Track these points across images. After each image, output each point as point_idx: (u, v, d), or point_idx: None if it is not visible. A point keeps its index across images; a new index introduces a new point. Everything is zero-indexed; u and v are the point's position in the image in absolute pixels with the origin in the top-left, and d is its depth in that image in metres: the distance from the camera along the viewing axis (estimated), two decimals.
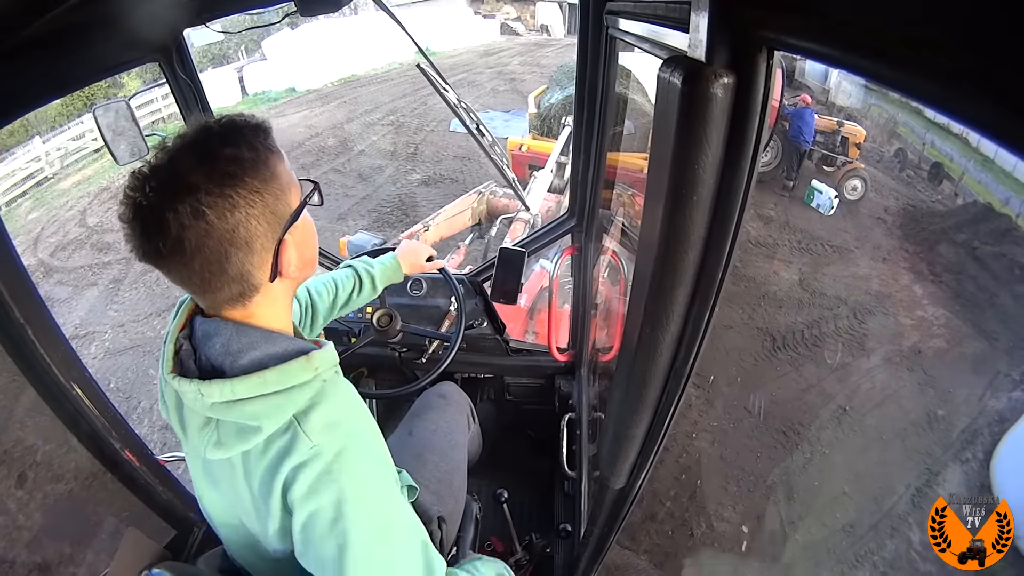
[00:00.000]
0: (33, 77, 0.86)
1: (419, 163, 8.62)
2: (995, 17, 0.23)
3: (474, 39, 17.81)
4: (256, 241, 0.66)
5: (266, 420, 0.65)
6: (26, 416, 1.09)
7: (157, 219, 0.61)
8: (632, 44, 0.90)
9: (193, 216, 0.61)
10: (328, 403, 0.68)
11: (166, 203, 0.61)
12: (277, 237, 0.68)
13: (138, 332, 4.91)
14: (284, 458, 0.65)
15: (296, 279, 0.74)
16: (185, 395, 0.68)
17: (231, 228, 0.63)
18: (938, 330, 4.73)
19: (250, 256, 0.66)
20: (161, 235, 0.61)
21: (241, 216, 0.64)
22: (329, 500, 0.65)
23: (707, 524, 3.06)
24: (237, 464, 0.69)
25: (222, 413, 0.66)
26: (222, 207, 0.62)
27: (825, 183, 6.72)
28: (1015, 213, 6.35)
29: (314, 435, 0.66)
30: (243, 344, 0.68)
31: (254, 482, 0.69)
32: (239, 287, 0.67)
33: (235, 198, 0.63)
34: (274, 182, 0.67)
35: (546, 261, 2.92)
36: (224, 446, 0.68)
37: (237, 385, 0.65)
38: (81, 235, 7.22)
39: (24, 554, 1.08)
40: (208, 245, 0.62)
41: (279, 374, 0.66)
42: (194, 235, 0.61)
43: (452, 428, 1.43)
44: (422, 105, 11.21)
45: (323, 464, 0.65)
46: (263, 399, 0.65)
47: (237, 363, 0.67)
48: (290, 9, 1.29)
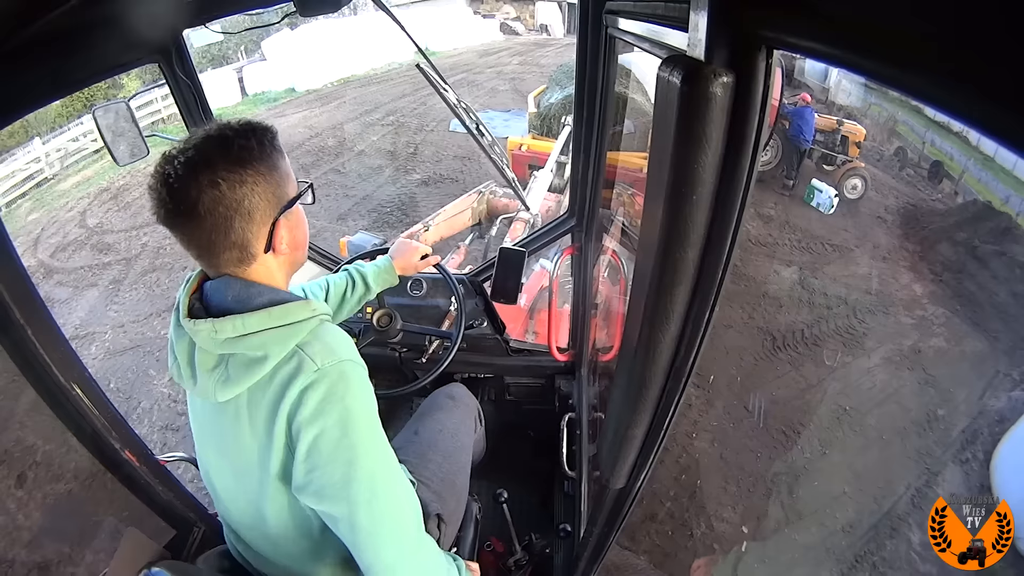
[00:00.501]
0: (33, 77, 0.86)
1: (419, 163, 8.62)
2: (994, 16, 0.23)
3: (473, 39, 17.80)
4: (257, 213, 0.77)
5: (272, 348, 0.74)
6: (26, 416, 1.09)
7: (181, 187, 0.73)
8: (631, 43, 0.90)
9: (209, 185, 0.73)
10: (327, 335, 0.79)
11: (189, 174, 0.73)
12: (274, 215, 0.80)
13: (138, 332, 4.91)
14: (290, 382, 0.73)
15: (288, 257, 0.85)
16: (199, 334, 0.76)
17: (238, 199, 0.75)
18: (938, 329, 4.73)
19: (251, 225, 0.77)
20: (182, 199, 0.73)
21: (247, 190, 0.76)
22: (334, 419, 0.73)
23: (707, 524, 3.05)
24: (243, 405, 0.77)
25: (232, 347, 0.75)
26: (233, 180, 0.75)
27: (825, 182, 6.71)
28: (1015, 212, 6.35)
29: (317, 358, 0.74)
30: (252, 292, 0.78)
31: (259, 418, 0.75)
32: (239, 252, 0.78)
33: (244, 176, 0.76)
34: (276, 172, 0.80)
35: (546, 261, 2.92)
36: (233, 381, 0.75)
37: (248, 319, 0.75)
38: (81, 236, 7.22)
39: (24, 554, 1.08)
40: (218, 211, 0.74)
41: (283, 310, 0.76)
42: (208, 200, 0.73)
43: (459, 429, 1.42)
44: (422, 105, 11.20)
45: (328, 384, 0.73)
46: (270, 331, 0.75)
47: (248, 305, 0.77)
48: (290, 9, 1.29)
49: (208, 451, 0.88)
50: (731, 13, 0.42)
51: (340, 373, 0.75)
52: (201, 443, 0.90)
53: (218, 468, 0.88)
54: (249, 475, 0.80)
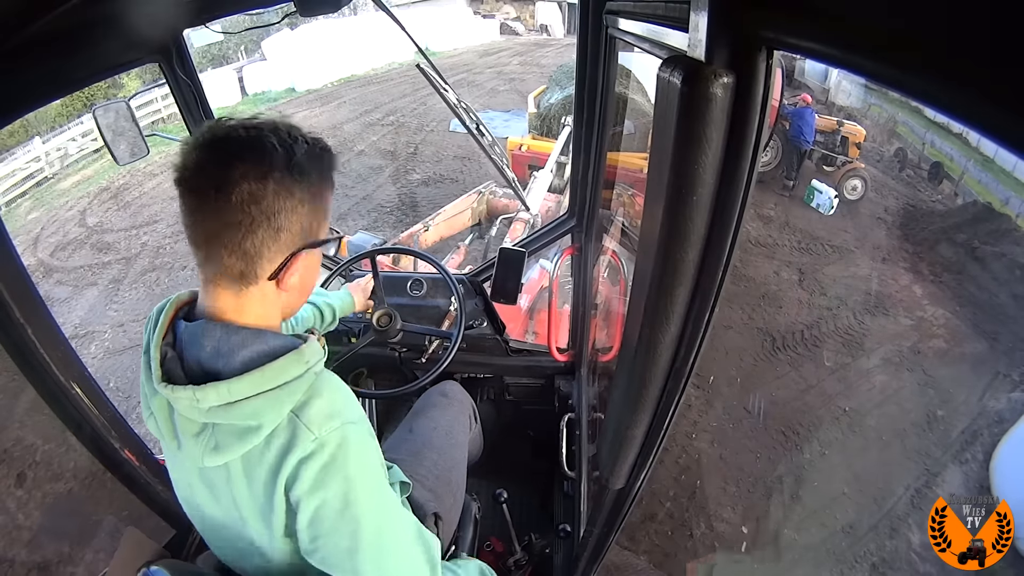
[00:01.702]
0: (33, 77, 0.86)
1: (419, 163, 8.62)
2: (994, 16, 0.23)
3: (474, 39, 17.81)
4: (284, 233, 0.68)
5: (265, 417, 0.65)
6: (26, 415, 1.09)
7: (226, 159, 0.64)
8: (632, 44, 0.90)
9: (257, 178, 0.64)
10: (324, 395, 0.70)
11: (245, 152, 0.65)
12: (299, 245, 0.71)
13: (137, 332, 4.90)
14: (287, 453, 0.66)
15: (288, 297, 0.75)
16: (179, 402, 0.67)
17: (276, 210, 0.66)
18: (938, 330, 4.73)
19: (273, 243, 0.68)
20: (221, 174, 0.64)
21: (288, 207, 0.67)
22: (336, 490, 0.67)
23: (707, 524, 3.05)
24: (235, 468, 0.69)
25: (220, 416, 0.66)
26: (282, 189, 0.66)
27: (825, 183, 6.72)
28: (1015, 213, 6.35)
29: (314, 427, 0.66)
30: (234, 343, 0.68)
31: (256, 483, 0.68)
32: (243, 265, 0.68)
33: (295, 192, 0.67)
34: (321, 203, 0.72)
35: (546, 261, 2.91)
36: (223, 450, 0.67)
37: (234, 385, 0.65)
38: (81, 235, 7.22)
39: (23, 553, 1.08)
40: (250, 208, 0.65)
41: (274, 371, 0.67)
42: (247, 192, 0.64)
43: (453, 427, 1.43)
44: (422, 105, 11.20)
45: (327, 455, 0.66)
46: (261, 397, 0.66)
47: (231, 363, 0.67)
48: (290, 9, 1.29)
49: (196, 500, 0.78)
50: (731, 14, 0.42)
51: (339, 440, 0.68)
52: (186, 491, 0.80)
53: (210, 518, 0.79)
54: (249, 528, 0.74)
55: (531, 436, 2.07)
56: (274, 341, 0.70)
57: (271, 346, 0.69)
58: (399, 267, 3.13)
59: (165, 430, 0.71)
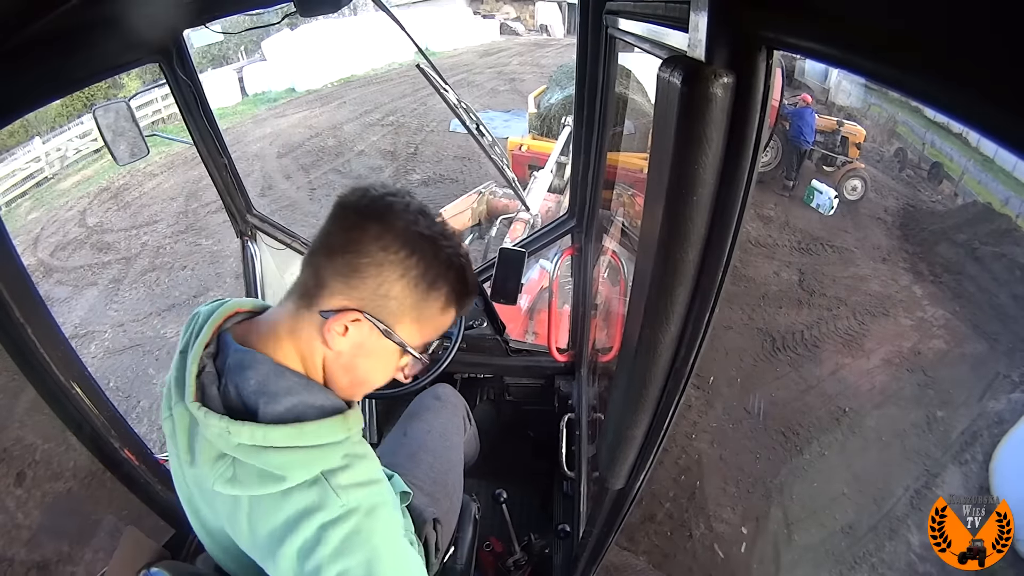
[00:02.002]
0: (33, 77, 0.86)
1: (419, 163, 8.63)
2: (995, 16, 0.23)
3: (473, 39, 17.82)
4: (356, 291, 0.67)
5: (293, 472, 0.63)
6: (25, 415, 1.09)
7: (381, 202, 0.67)
8: (632, 44, 0.90)
9: (405, 242, 0.66)
10: (359, 464, 0.68)
11: (400, 217, 0.67)
12: (369, 312, 0.68)
13: (137, 332, 4.90)
14: (309, 514, 0.63)
15: (332, 366, 0.71)
16: (208, 428, 0.64)
17: (371, 271, 0.66)
18: (938, 331, 4.74)
19: (337, 281, 0.67)
20: (368, 211, 0.67)
21: (378, 271, 0.66)
22: (360, 560, 0.63)
23: (706, 525, 3.06)
24: (244, 503, 0.66)
25: (246, 455, 0.64)
26: (414, 261, 0.67)
27: (825, 183, 6.73)
28: (1015, 213, 6.36)
29: (343, 493, 0.64)
30: (281, 387, 0.66)
31: (262, 527, 0.65)
32: (310, 279, 0.68)
33: (426, 274, 0.68)
34: (425, 316, 0.71)
35: (546, 261, 2.91)
36: (239, 484, 0.64)
37: (271, 432, 0.63)
38: (81, 235, 7.23)
39: (23, 553, 1.08)
40: (360, 257, 0.65)
41: (317, 429, 0.65)
42: (390, 241, 0.66)
43: (447, 429, 1.42)
44: (422, 105, 11.21)
45: (355, 523, 0.63)
46: (295, 451, 0.64)
47: (272, 407, 0.65)
48: (290, 10, 1.29)
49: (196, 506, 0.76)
50: (731, 13, 0.42)
51: (369, 508, 0.65)
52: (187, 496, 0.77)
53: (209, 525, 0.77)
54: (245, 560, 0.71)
55: (531, 436, 2.07)
56: (321, 398, 0.68)
57: (318, 401, 0.68)
58: None
59: (182, 441, 0.69)
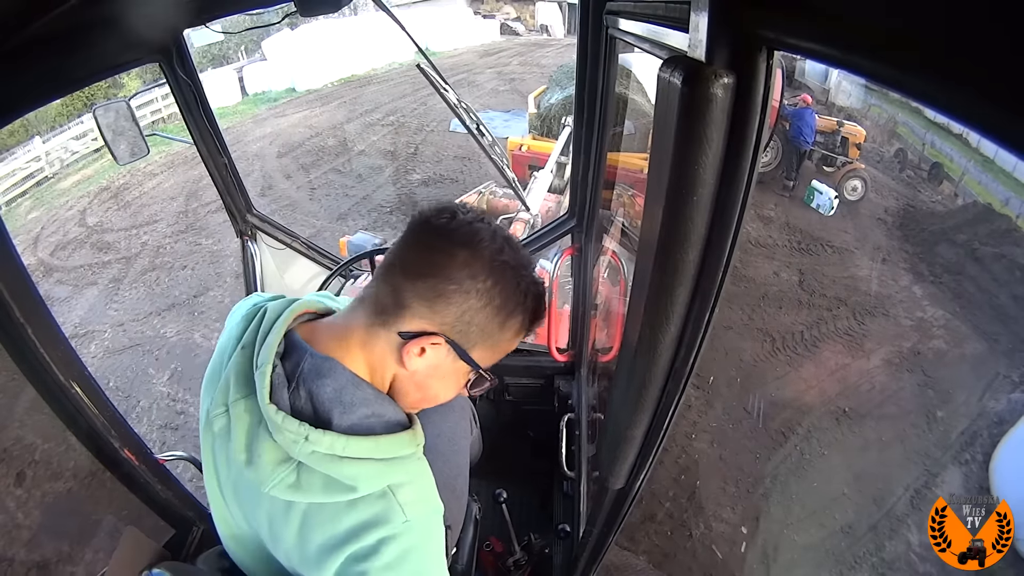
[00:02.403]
0: (33, 77, 0.86)
1: (419, 163, 8.63)
2: (994, 17, 0.23)
3: (474, 39, 17.82)
4: (438, 316, 0.67)
5: (363, 483, 0.64)
6: (25, 415, 1.09)
7: (470, 225, 0.67)
8: (632, 44, 0.90)
9: (495, 272, 0.67)
10: (422, 480, 0.69)
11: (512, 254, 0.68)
12: (449, 336, 0.68)
13: (137, 331, 4.90)
14: (372, 527, 0.63)
15: (402, 382, 0.72)
16: (281, 432, 0.63)
17: (456, 297, 0.66)
18: (938, 331, 4.73)
19: (419, 304, 0.66)
20: (487, 241, 0.67)
21: (482, 308, 0.67)
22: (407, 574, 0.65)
23: (706, 525, 3.06)
24: (297, 510, 0.65)
25: (317, 463, 0.63)
26: (493, 296, 0.67)
27: (825, 183, 6.72)
28: (1015, 214, 6.35)
29: (408, 509, 0.65)
30: (357, 398, 0.67)
31: (316, 535, 0.65)
32: (388, 299, 0.68)
33: (496, 309, 0.68)
34: (498, 340, 0.72)
35: (546, 261, 2.91)
36: (302, 490, 0.64)
37: (352, 444, 0.64)
38: (81, 234, 7.23)
39: (23, 553, 1.08)
40: (461, 275, 0.65)
41: (390, 444, 0.66)
42: (479, 268, 0.66)
43: (455, 432, 1.42)
44: (422, 105, 11.21)
45: (412, 539, 0.65)
46: (371, 463, 0.65)
47: (347, 416, 0.66)
48: (290, 9, 1.29)
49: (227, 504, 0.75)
50: (731, 14, 0.42)
51: (427, 528, 0.67)
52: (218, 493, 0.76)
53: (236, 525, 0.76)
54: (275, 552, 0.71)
55: (531, 436, 2.07)
56: (391, 410, 0.70)
57: (389, 415, 0.69)
58: None
59: (238, 440, 0.66)
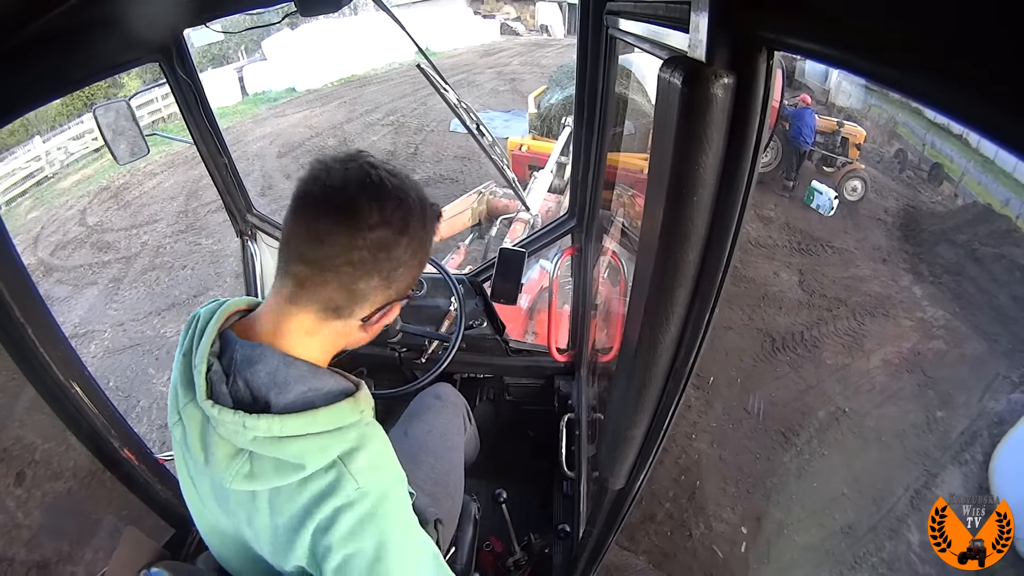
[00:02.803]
0: (33, 77, 0.86)
1: (419, 163, 8.63)
2: (994, 17, 0.23)
3: (474, 39, 17.82)
4: (395, 284, 0.70)
5: (311, 459, 0.64)
6: (25, 414, 1.09)
7: (375, 201, 0.64)
8: (632, 44, 0.90)
9: (397, 230, 0.65)
10: (372, 446, 0.68)
11: (391, 200, 0.65)
12: (400, 296, 0.72)
13: (137, 331, 4.90)
14: (325, 498, 0.64)
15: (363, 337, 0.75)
16: (223, 425, 0.65)
17: (399, 263, 0.67)
18: (937, 331, 4.73)
19: (381, 290, 0.69)
20: (365, 213, 0.64)
21: (410, 263, 0.69)
22: (371, 542, 0.65)
23: (706, 525, 3.05)
24: (262, 497, 0.67)
25: (263, 448, 0.64)
26: (412, 245, 0.68)
27: (825, 184, 6.72)
28: (1015, 214, 6.36)
29: (360, 476, 0.65)
30: (291, 376, 0.67)
31: (280, 517, 0.66)
32: (344, 301, 0.68)
33: (418, 251, 0.69)
34: (425, 261, 0.73)
35: (546, 261, 2.91)
36: (256, 478, 0.65)
37: (287, 422, 0.64)
38: (81, 234, 7.23)
39: (23, 552, 1.08)
40: (378, 255, 0.65)
41: (330, 414, 0.66)
42: (383, 238, 0.65)
43: (448, 429, 1.42)
44: (422, 105, 11.21)
45: (368, 506, 0.65)
46: (312, 438, 0.64)
47: (284, 396, 0.66)
48: (290, 9, 1.29)
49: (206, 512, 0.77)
50: (732, 14, 0.42)
51: (382, 493, 0.66)
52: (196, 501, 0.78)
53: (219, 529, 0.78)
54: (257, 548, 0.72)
55: (531, 436, 2.07)
56: (330, 381, 0.69)
57: (327, 386, 0.68)
58: None
59: (194, 442, 0.68)
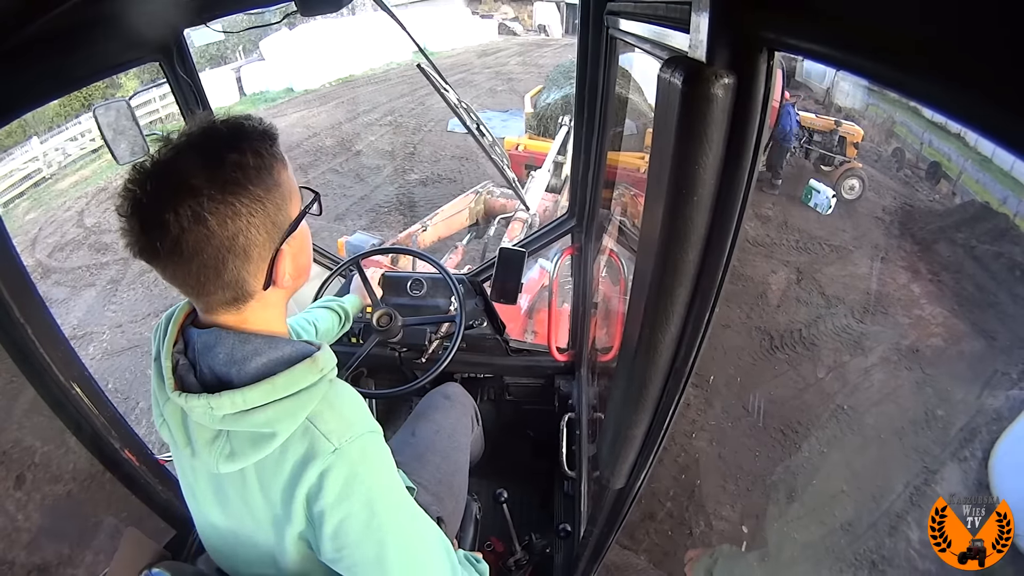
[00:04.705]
0: (33, 77, 0.86)
1: (417, 163, 8.61)
2: (994, 17, 0.23)
3: (472, 39, 17.79)
4: (254, 250, 0.66)
5: (280, 425, 0.65)
6: (25, 416, 1.09)
7: (156, 217, 0.60)
8: (632, 44, 0.90)
9: (194, 220, 0.60)
10: (338, 403, 0.69)
11: (167, 202, 0.60)
12: (275, 246, 0.68)
13: (136, 332, 4.89)
14: (307, 464, 0.65)
15: (289, 288, 0.74)
16: (193, 411, 0.66)
17: (231, 236, 0.63)
18: (936, 329, 4.74)
19: (247, 264, 0.66)
20: (159, 234, 0.61)
21: (242, 224, 0.63)
22: (360, 502, 0.66)
23: (706, 523, 3.06)
24: (250, 475, 0.69)
25: (234, 424, 0.66)
26: (223, 214, 0.62)
27: (823, 182, 6.73)
28: (1013, 212, 6.36)
29: (333, 437, 0.66)
30: (247, 351, 0.67)
31: (272, 492, 0.68)
32: (233, 292, 0.67)
33: (237, 206, 0.62)
34: (276, 191, 0.67)
35: (546, 261, 2.92)
36: (238, 456, 0.67)
37: (248, 394, 0.64)
38: (79, 236, 7.20)
39: (23, 555, 1.08)
40: (206, 251, 0.62)
41: (288, 378, 0.66)
42: (193, 239, 0.61)
43: (456, 429, 1.43)
44: (420, 105, 11.19)
45: (348, 466, 0.66)
46: (275, 404, 0.65)
47: (244, 371, 0.66)
48: (290, 9, 1.29)
49: (204, 508, 0.79)
50: (732, 15, 0.42)
51: (360, 451, 0.67)
52: (193, 499, 0.80)
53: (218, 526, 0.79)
54: (260, 535, 0.74)
55: (531, 436, 2.07)
56: (287, 348, 0.69)
57: (284, 353, 0.69)
58: (398, 267, 3.12)
59: (178, 437, 0.71)
